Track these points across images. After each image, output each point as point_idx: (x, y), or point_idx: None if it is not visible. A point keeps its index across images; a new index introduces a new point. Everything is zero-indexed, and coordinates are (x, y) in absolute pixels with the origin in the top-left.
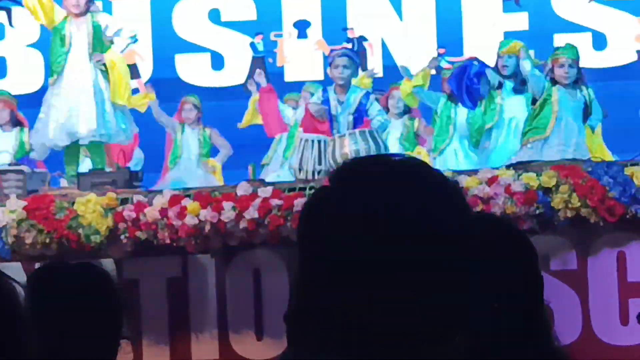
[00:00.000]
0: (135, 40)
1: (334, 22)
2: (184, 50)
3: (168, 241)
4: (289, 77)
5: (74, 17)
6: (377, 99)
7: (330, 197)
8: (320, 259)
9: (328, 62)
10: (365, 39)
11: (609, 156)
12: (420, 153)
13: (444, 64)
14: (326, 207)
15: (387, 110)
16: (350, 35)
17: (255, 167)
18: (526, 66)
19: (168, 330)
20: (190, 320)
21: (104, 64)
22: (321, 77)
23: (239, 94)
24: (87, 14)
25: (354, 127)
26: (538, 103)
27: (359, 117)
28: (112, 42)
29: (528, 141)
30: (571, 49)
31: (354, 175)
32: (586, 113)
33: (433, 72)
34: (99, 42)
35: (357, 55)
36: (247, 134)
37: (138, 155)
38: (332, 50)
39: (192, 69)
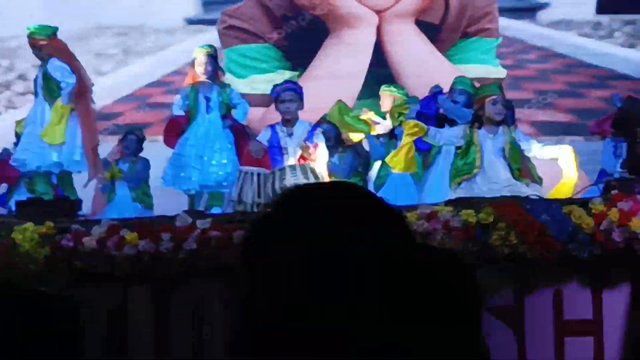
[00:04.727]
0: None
1: None
2: None
3: (107, 271)
4: None
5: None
6: (323, 133)
7: (273, 223)
8: (263, 285)
9: (273, 97)
10: None
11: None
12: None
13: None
14: (268, 233)
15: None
16: None
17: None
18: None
19: None
20: (128, 351)
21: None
22: None
23: None
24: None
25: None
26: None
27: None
28: (61, 89)
29: (462, 179)
30: (496, 87)
31: (295, 201)
32: (505, 149)
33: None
34: (53, 89)
35: (301, 88)
36: None
37: None
38: (275, 86)
39: None
